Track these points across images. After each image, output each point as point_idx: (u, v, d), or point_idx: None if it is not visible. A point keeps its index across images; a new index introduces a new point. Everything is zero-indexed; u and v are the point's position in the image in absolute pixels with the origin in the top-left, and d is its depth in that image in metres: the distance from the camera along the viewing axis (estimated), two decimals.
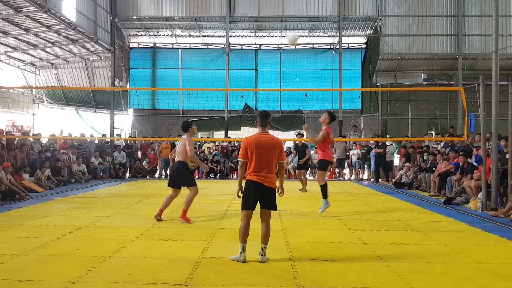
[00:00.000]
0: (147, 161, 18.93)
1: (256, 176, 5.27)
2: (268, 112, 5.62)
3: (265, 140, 5.34)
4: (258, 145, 5.29)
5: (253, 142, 5.32)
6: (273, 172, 5.37)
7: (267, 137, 5.40)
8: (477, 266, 5.14)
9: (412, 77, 24.03)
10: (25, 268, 4.90)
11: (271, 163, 5.34)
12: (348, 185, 15.62)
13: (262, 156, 5.28)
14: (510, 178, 9.05)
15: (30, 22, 17.64)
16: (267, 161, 5.29)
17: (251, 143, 5.33)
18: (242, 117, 22.87)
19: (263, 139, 5.35)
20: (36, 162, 14.03)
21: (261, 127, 5.51)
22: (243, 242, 5.25)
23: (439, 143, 16.03)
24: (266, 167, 5.29)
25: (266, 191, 5.28)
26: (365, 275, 4.74)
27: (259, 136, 5.40)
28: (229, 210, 9.36)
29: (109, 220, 8.04)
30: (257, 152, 5.28)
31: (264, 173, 5.27)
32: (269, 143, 5.33)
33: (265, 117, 5.51)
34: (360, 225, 7.62)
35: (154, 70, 25.28)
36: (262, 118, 5.51)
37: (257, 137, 5.37)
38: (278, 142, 5.39)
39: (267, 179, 5.27)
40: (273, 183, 5.34)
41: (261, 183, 5.26)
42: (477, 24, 21.35)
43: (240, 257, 5.22)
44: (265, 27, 23.85)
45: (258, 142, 5.31)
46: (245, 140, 5.42)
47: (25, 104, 23.06)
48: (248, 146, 5.35)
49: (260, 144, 5.30)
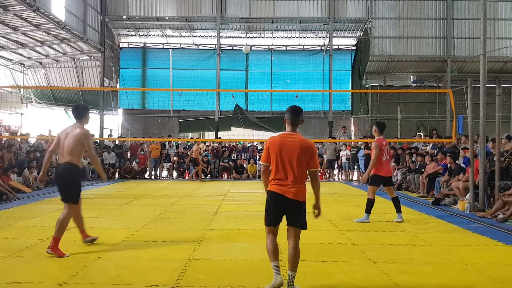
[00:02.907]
0: (137, 162, 18.85)
1: (277, 186, 4.32)
2: (300, 108, 4.53)
3: (292, 142, 4.31)
4: (282, 147, 4.30)
5: (277, 143, 4.34)
6: (302, 182, 4.35)
7: (295, 138, 4.34)
8: (464, 266, 5.19)
9: (402, 79, 24.19)
10: (12, 270, 4.86)
11: (299, 170, 4.31)
12: (338, 186, 15.67)
13: (287, 161, 4.29)
14: (497, 180, 9.15)
15: (18, 21, 17.46)
16: (292, 168, 4.29)
17: (274, 144, 4.35)
18: (233, 117, 22.85)
19: (290, 140, 4.32)
20: (24, 162, 13.92)
21: (290, 125, 4.48)
22: (274, 261, 4.29)
23: (428, 145, 16.15)
24: (291, 175, 4.30)
25: (291, 205, 4.31)
26: (355, 276, 4.77)
27: (285, 136, 4.39)
28: (219, 211, 9.34)
29: (98, 221, 7.99)
30: (281, 155, 4.30)
31: (288, 182, 4.29)
32: (296, 145, 4.28)
33: (296, 114, 4.46)
34: (350, 226, 7.66)
35: (144, 70, 25.18)
36: (292, 115, 4.45)
37: (283, 137, 4.37)
38: (309, 145, 4.32)
39: (292, 189, 4.28)
40: (301, 196, 4.33)
41: (282, 195, 4.30)
42: (466, 27, 21.56)
43: (275, 280, 4.23)
44: (256, 28, 23.86)
45: (283, 143, 4.32)
46: (268, 140, 4.45)
47: (13, 103, 22.81)
48: (270, 148, 4.37)
49: (285, 146, 4.30)
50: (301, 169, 4.31)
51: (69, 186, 5.77)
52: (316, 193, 4.45)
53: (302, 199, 4.35)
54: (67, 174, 5.73)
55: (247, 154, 19.70)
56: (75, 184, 5.83)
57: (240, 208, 9.90)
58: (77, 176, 5.86)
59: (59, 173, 5.84)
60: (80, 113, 5.99)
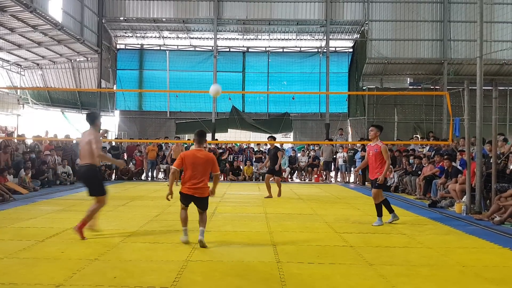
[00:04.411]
0: (134, 163, 18.81)
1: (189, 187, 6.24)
2: (205, 132, 6.54)
3: (200, 155, 6.17)
4: (195, 159, 6.18)
5: (190, 156, 6.18)
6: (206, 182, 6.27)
7: (202, 153, 6.24)
8: (461, 269, 5.19)
9: (398, 81, 24.27)
10: (8, 272, 4.83)
11: (205, 174, 6.26)
12: (334, 188, 15.68)
13: (198, 168, 6.17)
14: (494, 182, 9.17)
15: (15, 22, 17.44)
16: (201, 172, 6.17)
17: (188, 157, 6.17)
18: (230, 119, 22.87)
19: (198, 155, 6.19)
20: (20, 163, 13.86)
21: (197, 143, 6.31)
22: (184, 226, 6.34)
23: (425, 147, 16.17)
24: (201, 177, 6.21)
25: (198, 200, 6.25)
26: (351, 278, 4.77)
27: (195, 151, 6.24)
28: (216, 212, 9.33)
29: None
30: (194, 164, 6.17)
31: (198, 182, 6.15)
32: (203, 157, 6.18)
33: (201, 136, 6.37)
34: (347, 228, 7.66)
35: (141, 71, 25.19)
36: (199, 137, 6.33)
37: (194, 152, 6.24)
38: (211, 157, 6.28)
39: (199, 185, 6.19)
40: (205, 193, 6.22)
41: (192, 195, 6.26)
42: (462, 30, 21.66)
43: (185, 238, 6.25)
44: (253, 30, 23.90)
45: (194, 156, 6.20)
46: (184, 154, 6.29)
47: (9, 104, 22.74)
48: (185, 159, 6.17)
49: (196, 158, 6.19)
50: (206, 173, 6.16)
51: (91, 183, 6.65)
52: (215, 184, 6.37)
53: (207, 195, 6.18)
54: (87, 173, 6.60)
55: (243, 156, 19.69)
56: (95, 181, 6.69)
57: (237, 210, 9.88)
58: (95, 173, 6.66)
59: (80, 174, 7.03)
60: (92, 120, 6.79)
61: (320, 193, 13.70)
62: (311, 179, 18.82)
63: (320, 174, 19.01)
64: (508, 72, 22.65)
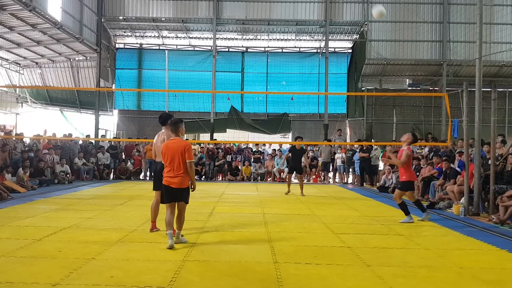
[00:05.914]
0: (132, 163, 18.79)
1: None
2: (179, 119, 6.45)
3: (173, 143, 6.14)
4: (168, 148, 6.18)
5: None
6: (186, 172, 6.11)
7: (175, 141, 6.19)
8: (458, 270, 5.20)
9: (397, 82, 24.26)
10: (5, 270, 4.83)
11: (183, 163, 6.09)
12: (332, 189, 15.68)
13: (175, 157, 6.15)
14: (492, 183, 9.18)
15: (14, 20, 17.39)
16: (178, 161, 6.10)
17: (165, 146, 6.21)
18: (228, 119, 22.83)
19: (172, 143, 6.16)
20: (18, 162, 13.84)
21: (173, 132, 6.22)
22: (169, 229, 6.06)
23: (423, 148, 16.18)
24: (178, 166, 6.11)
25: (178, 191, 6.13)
26: (349, 279, 4.77)
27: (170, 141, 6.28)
28: (214, 212, 9.33)
29: (92, 221, 7.96)
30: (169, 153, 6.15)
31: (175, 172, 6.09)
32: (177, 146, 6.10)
33: (175, 125, 6.30)
34: (344, 229, 7.66)
35: (140, 71, 25.14)
36: (173, 126, 6.28)
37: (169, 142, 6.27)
38: (185, 144, 6.14)
39: (177, 178, 6.09)
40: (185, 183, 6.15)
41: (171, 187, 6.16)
42: (462, 31, 21.66)
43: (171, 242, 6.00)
44: (252, 30, 23.87)
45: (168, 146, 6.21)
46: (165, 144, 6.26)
47: (8, 103, 22.70)
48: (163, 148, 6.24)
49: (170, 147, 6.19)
50: (183, 162, 6.04)
51: None
52: (191, 174, 6.13)
53: (186, 186, 6.14)
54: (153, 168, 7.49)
55: (242, 156, 19.68)
56: (154, 176, 7.46)
57: (235, 210, 9.88)
58: (154, 170, 7.39)
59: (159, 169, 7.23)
60: (164, 123, 7.02)
61: (318, 194, 13.71)
62: (309, 180, 18.81)
63: (318, 175, 19.00)
64: (507, 73, 22.66)
